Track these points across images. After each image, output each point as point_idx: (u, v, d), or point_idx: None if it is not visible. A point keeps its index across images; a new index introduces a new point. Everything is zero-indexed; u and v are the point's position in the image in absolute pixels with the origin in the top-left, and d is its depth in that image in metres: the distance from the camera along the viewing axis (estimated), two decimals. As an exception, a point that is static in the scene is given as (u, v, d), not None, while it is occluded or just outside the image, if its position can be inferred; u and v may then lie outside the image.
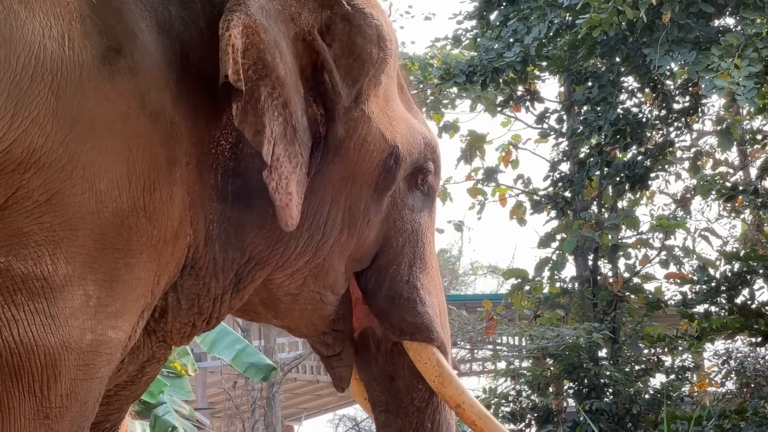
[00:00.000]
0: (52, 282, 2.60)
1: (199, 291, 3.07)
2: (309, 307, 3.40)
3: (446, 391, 3.54)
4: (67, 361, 2.65)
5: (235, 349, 8.49)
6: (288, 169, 2.98)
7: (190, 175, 2.88)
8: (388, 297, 3.49)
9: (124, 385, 3.23)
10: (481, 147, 18.01)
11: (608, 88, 14.91)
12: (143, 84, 2.76)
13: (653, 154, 15.32)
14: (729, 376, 15.77)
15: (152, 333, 3.09)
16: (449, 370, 3.55)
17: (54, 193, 2.60)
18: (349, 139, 3.20)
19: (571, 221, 16.41)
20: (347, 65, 3.17)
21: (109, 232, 2.68)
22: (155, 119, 2.77)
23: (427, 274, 3.58)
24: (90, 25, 2.72)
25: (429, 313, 3.53)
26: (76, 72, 2.65)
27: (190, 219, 2.90)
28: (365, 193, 3.30)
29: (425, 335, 3.52)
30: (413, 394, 3.60)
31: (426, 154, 3.52)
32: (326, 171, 3.18)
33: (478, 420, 3.55)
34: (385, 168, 3.31)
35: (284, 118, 2.97)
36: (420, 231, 3.55)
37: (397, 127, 3.37)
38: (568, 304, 16.65)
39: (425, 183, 3.55)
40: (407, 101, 3.58)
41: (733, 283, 13.38)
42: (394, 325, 3.51)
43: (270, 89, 2.92)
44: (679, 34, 12.00)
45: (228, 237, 3.04)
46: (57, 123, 2.60)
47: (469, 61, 14.64)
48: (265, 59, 2.91)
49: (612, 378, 15.24)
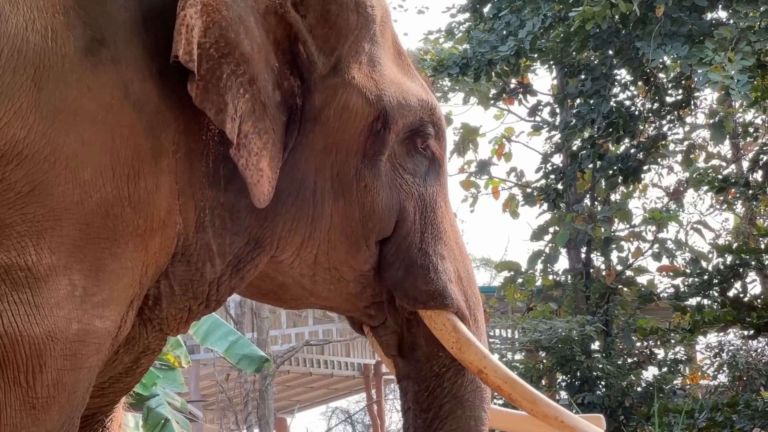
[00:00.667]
0: (36, 272, 2.59)
1: (192, 276, 3.04)
2: (332, 287, 3.34)
3: (465, 356, 3.39)
4: (53, 351, 2.63)
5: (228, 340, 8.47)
6: (258, 146, 2.94)
7: (178, 163, 2.86)
8: (403, 266, 3.39)
9: (118, 377, 3.19)
10: (474, 140, 18.03)
11: (601, 81, 14.92)
12: (127, 74, 2.75)
13: (646, 147, 15.34)
14: (721, 369, 15.81)
15: (148, 322, 3.06)
16: (467, 335, 3.40)
17: (37, 184, 2.59)
18: (328, 107, 3.14)
19: (564, 214, 16.44)
20: (323, 34, 3.12)
21: (94, 221, 2.66)
22: (139, 109, 2.76)
23: (441, 240, 3.46)
24: (73, 17, 2.71)
25: (442, 279, 3.41)
26: (58, 63, 2.64)
27: (179, 207, 2.88)
28: (353, 159, 3.23)
29: (439, 302, 3.39)
30: (432, 362, 3.48)
31: (423, 116, 3.42)
32: (306, 142, 3.13)
33: (503, 384, 3.38)
34: (371, 132, 3.24)
35: (251, 95, 2.94)
36: (427, 196, 3.44)
37: (386, 90, 3.29)
38: (560, 297, 16.69)
39: (426, 147, 3.45)
40: (405, 66, 3.50)
41: (725, 276, 13.42)
42: (408, 294, 3.40)
43: (234, 66, 2.89)
44: (672, 27, 12.01)
45: (223, 222, 3.01)
46: (39, 114, 2.59)
47: (463, 53, 14.64)
48: (227, 36, 2.88)
49: (604, 371, 15.28)
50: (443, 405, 3.50)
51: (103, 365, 2.93)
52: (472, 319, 3.51)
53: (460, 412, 3.50)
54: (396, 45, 3.50)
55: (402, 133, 3.37)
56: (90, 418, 3.26)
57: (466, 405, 3.50)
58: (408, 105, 3.37)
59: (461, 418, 3.50)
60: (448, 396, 3.50)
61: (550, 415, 3.40)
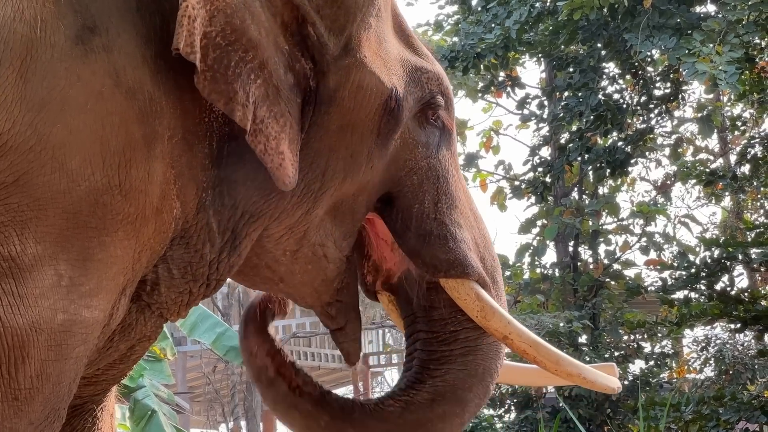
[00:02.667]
0: (20, 262, 2.56)
1: (191, 259, 3.02)
2: (310, 267, 3.31)
3: (491, 324, 3.42)
4: (37, 342, 2.61)
5: (216, 332, 8.49)
6: (276, 129, 2.92)
7: (174, 148, 2.83)
8: (418, 236, 3.41)
9: (112, 364, 3.17)
10: (462, 133, 18.04)
11: (589, 73, 14.91)
12: (118, 62, 2.72)
13: (633, 139, 15.34)
14: (708, 363, 15.84)
15: (146, 308, 3.04)
16: (491, 303, 3.43)
17: (21, 174, 2.56)
18: (342, 88, 3.13)
19: (552, 207, 16.45)
20: (332, 14, 3.09)
21: (82, 210, 2.64)
22: (131, 96, 2.73)
23: (456, 208, 3.49)
24: (64, 5, 2.68)
25: (461, 248, 3.44)
26: (47, 54, 2.61)
27: (175, 192, 2.86)
28: (368, 139, 3.22)
29: (459, 270, 3.42)
30: (448, 321, 3.49)
31: (431, 88, 3.43)
32: (321, 122, 3.11)
33: (529, 348, 3.45)
34: (386, 111, 3.23)
35: (263, 79, 2.91)
36: (438, 167, 3.46)
37: (393, 68, 3.29)
38: (548, 290, 16.70)
39: (437, 118, 3.47)
40: (408, 38, 3.49)
41: (712, 270, 13.43)
42: (427, 263, 3.43)
43: (242, 53, 2.87)
44: (660, 19, 12.01)
45: (221, 198, 2.99)
46: (25, 106, 2.57)
47: (451, 46, 14.62)
48: (233, 23, 2.85)
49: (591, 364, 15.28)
50: (453, 350, 3.50)
51: (96, 353, 2.92)
52: (492, 282, 3.53)
53: (472, 357, 3.51)
54: (397, 18, 3.47)
55: (414, 108, 3.38)
56: (80, 407, 3.25)
57: (479, 353, 3.52)
58: (416, 80, 3.38)
59: (471, 363, 3.51)
60: (461, 344, 3.51)
61: (573, 373, 3.54)
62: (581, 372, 3.54)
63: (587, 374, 3.55)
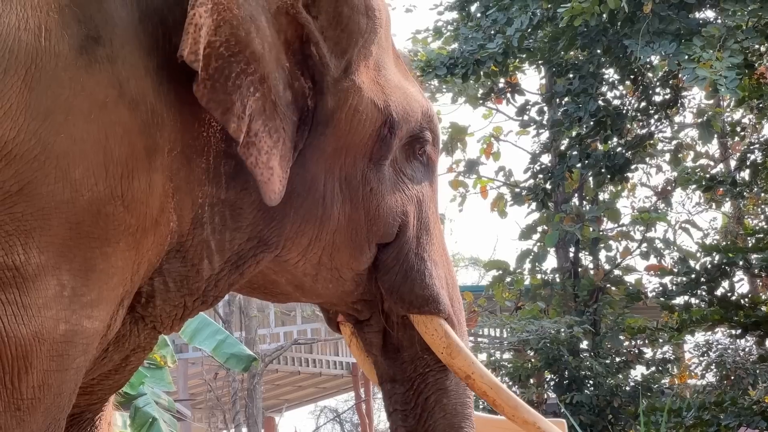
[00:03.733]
0: (24, 272, 2.57)
1: (188, 273, 3.03)
2: (331, 286, 3.37)
3: (455, 362, 3.46)
4: (39, 352, 2.61)
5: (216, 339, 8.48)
6: (268, 144, 2.94)
7: (173, 161, 2.84)
8: (401, 271, 3.43)
9: (107, 374, 3.18)
10: (463, 139, 18.03)
11: (589, 79, 14.91)
12: (122, 72, 2.73)
13: (633, 145, 15.33)
14: (709, 368, 15.83)
15: (140, 320, 3.05)
16: (457, 341, 3.47)
17: (26, 183, 2.56)
18: (340, 110, 3.15)
19: (553, 214, 16.44)
20: (335, 36, 3.12)
21: (85, 220, 2.65)
22: (134, 108, 2.74)
23: (433, 245, 3.53)
24: (69, 15, 2.68)
25: (437, 285, 3.48)
26: (51, 63, 2.62)
27: (173, 206, 2.86)
28: (360, 163, 3.25)
29: (432, 307, 3.46)
30: (416, 363, 3.55)
31: (422, 123, 3.46)
32: (317, 144, 3.13)
33: (489, 390, 3.47)
34: (379, 137, 3.26)
35: (262, 93, 2.93)
36: (423, 201, 3.49)
37: (391, 95, 3.31)
38: (549, 296, 16.69)
39: (423, 153, 3.50)
40: (403, 69, 3.53)
41: (713, 275, 13.44)
42: (404, 299, 3.45)
43: (243, 65, 2.88)
44: (660, 25, 12.00)
45: (223, 219, 3.01)
46: (30, 114, 2.57)
47: (450, 53, 14.61)
48: (238, 35, 2.87)
49: (593, 370, 15.28)
50: (429, 398, 3.57)
51: (91, 364, 2.91)
52: (457, 322, 3.57)
53: (446, 400, 3.58)
54: (394, 48, 3.51)
55: (404, 139, 3.40)
56: (78, 416, 3.26)
57: (450, 394, 3.59)
58: (411, 110, 3.41)
59: (448, 405, 3.58)
60: (432, 389, 3.57)
61: (529, 421, 3.53)
62: (537, 422, 3.53)
63: (542, 425, 3.52)
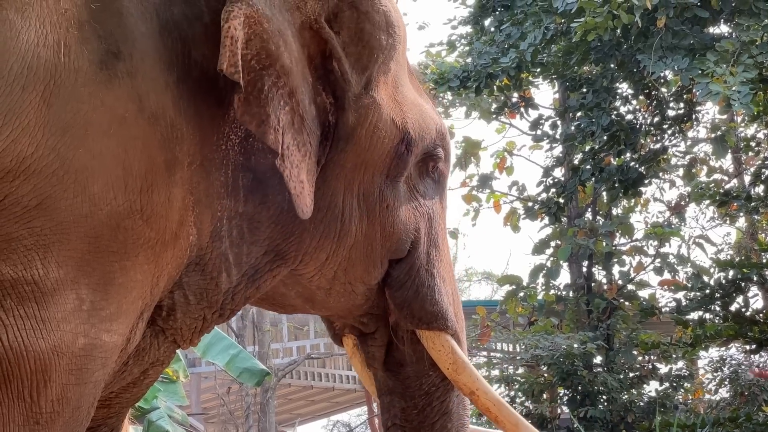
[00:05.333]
0: (42, 286, 2.58)
1: (207, 286, 3.05)
2: (342, 300, 3.40)
3: (460, 378, 3.51)
4: (58, 366, 2.62)
5: (229, 354, 8.49)
6: (297, 158, 2.96)
7: (193, 175, 2.85)
8: (413, 287, 3.47)
9: (126, 387, 3.21)
10: (476, 153, 18.02)
11: (602, 94, 14.89)
12: (142, 87, 2.74)
13: (647, 159, 15.31)
14: (723, 384, 15.78)
15: (161, 333, 3.06)
16: (463, 358, 3.52)
17: (44, 198, 2.57)
18: (360, 127, 3.17)
19: (566, 228, 16.41)
20: (356, 52, 3.15)
21: (104, 234, 2.65)
22: (154, 122, 2.75)
23: (442, 262, 3.57)
24: (88, 31, 2.70)
25: (445, 301, 3.52)
26: (70, 78, 2.63)
27: (193, 219, 2.88)
28: (377, 179, 3.27)
29: (441, 323, 3.50)
30: (422, 380, 3.58)
31: (435, 140, 3.49)
32: (338, 160, 3.16)
33: (492, 407, 3.51)
34: (396, 154, 3.29)
35: (291, 107, 2.95)
36: (433, 218, 3.52)
37: (408, 113, 3.34)
38: (562, 311, 16.66)
39: (435, 170, 3.53)
40: (417, 87, 3.55)
41: (727, 291, 13.39)
42: (414, 315, 3.49)
43: (275, 78, 2.90)
44: (673, 40, 11.99)
45: (241, 233, 3.03)
46: (48, 130, 2.58)
47: (464, 66, 14.62)
48: (268, 49, 2.89)
49: (606, 385, 15.24)
50: (435, 422, 3.61)
51: (111, 377, 2.92)
52: (461, 340, 3.62)
53: (450, 425, 3.63)
54: (408, 65, 3.54)
55: (419, 156, 3.43)
56: (94, 429, 3.26)
57: (454, 418, 3.64)
58: (427, 128, 3.44)
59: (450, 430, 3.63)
60: (438, 414, 3.62)
61: None
62: None
63: None
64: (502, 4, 15.04)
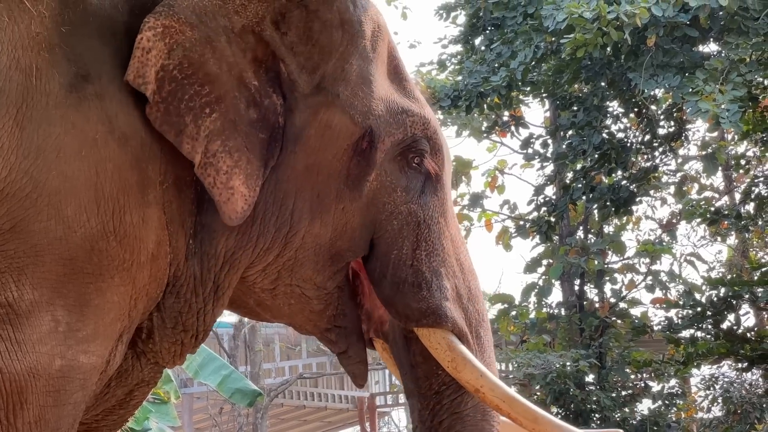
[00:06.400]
0: (17, 308, 2.57)
1: (181, 308, 3.03)
2: (292, 302, 3.30)
3: (462, 375, 3.34)
4: (35, 388, 2.61)
5: (221, 374, 8.48)
6: (228, 164, 2.93)
7: (165, 194, 2.85)
8: (393, 284, 3.35)
9: (111, 409, 3.18)
10: (467, 172, 18.05)
11: (593, 112, 14.92)
12: (111, 108, 2.75)
13: (638, 178, 15.33)
14: (716, 402, 15.76)
15: (142, 355, 3.05)
16: (463, 354, 3.35)
17: (18, 221, 2.57)
18: (309, 127, 3.12)
19: (558, 246, 16.42)
20: (306, 52, 3.11)
21: (78, 256, 2.65)
22: (124, 143, 2.75)
23: (437, 256, 3.40)
24: (59, 54, 2.71)
25: (435, 297, 3.35)
26: (42, 101, 2.64)
27: (168, 238, 2.87)
28: (335, 180, 3.20)
29: (432, 320, 3.35)
30: (432, 380, 3.45)
31: (415, 132, 3.37)
32: (288, 161, 3.11)
33: (502, 404, 3.32)
34: (356, 152, 3.22)
35: (219, 114, 2.93)
36: (420, 213, 3.38)
37: (374, 108, 3.25)
38: (554, 330, 16.65)
39: (420, 162, 3.40)
40: (402, 81, 3.46)
41: (718, 308, 13.41)
42: (399, 312, 3.37)
43: (197, 87, 2.90)
44: (663, 58, 12.03)
45: (203, 246, 3.01)
46: (21, 153, 2.59)
47: (454, 85, 14.64)
48: (190, 57, 2.89)
49: (599, 404, 15.22)
50: (442, 422, 3.46)
51: (93, 399, 2.91)
52: (473, 336, 3.45)
53: (460, 427, 3.45)
54: (394, 61, 3.44)
55: (392, 151, 3.33)
56: None
57: (466, 421, 3.46)
58: (398, 122, 3.33)
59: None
60: (447, 413, 3.46)
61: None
62: None
63: None
64: (493, 23, 15.07)
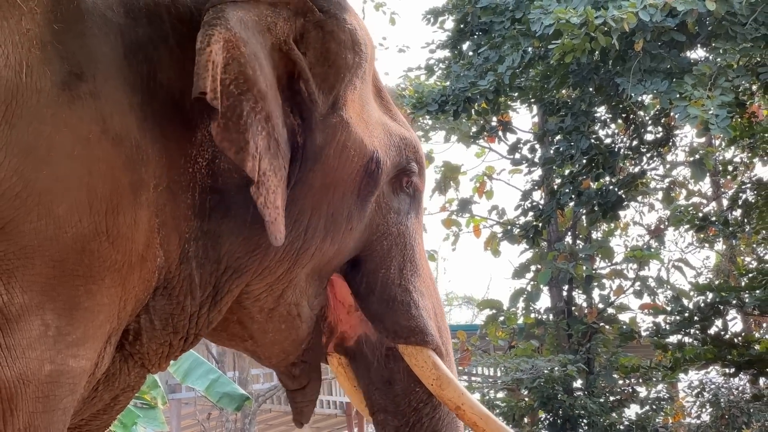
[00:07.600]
0: (7, 312, 2.54)
1: (173, 310, 3.01)
2: (283, 326, 3.31)
3: (444, 393, 3.47)
4: (25, 394, 2.58)
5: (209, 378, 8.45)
6: (274, 183, 2.93)
7: (159, 197, 2.82)
8: (382, 301, 3.43)
9: (96, 414, 3.15)
10: (456, 178, 18.06)
11: (581, 117, 14.94)
12: (105, 108, 2.71)
13: (625, 183, 15.36)
14: (704, 407, 15.78)
15: (129, 357, 3.02)
16: (446, 373, 3.48)
17: (7, 222, 2.54)
18: (328, 146, 3.14)
19: (546, 252, 16.44)
20: (323, 72, 3.12)
21: (69, 258, 2.62)
22: (118, 143, 2.72)
23: (419, 276, 3.52)
24: (51, 51, 2.67)
25: (423, 316, 3.47)
26: (33, 99, 2.60)
27: (159, 241, 2.84)
28: (348, 199, 3.25)
29: (419, 338, 3.45)
30: (410, 397, 3.54)
31: (407, 155, 3.47)
32: (306, 179, 3.12)
33: (479, 421, 3.47)
34: (366, 173, 3.26)
35: (267, 132, 2.92)
36: (407, 234, 3.49)
37: (374, 131, 3.32)
38: (542, 335, 16.67)
39: (410, 185, 3.51)
40: (386, 103, 3.53)
41: (706, 314, 13.44)
42: (388, 329, 3.45)
43: (252, 104, 2.87)
44: (651, 63, 12.04)
45: (206, 251, 2.99)
46: (11, 152, 2.55)
47: (442, 90, 14.65)
48: (246, 73, 2.86)
49: (587, 409, 15.23)
50: None
51: (80, 403, 2.89)
52: (446, 353, 3.56)
53: None
54: (376, 82, 3.51)
55: (391, 173, 3.40)
56: None
57: None
58: (393, 145, 3.41)
59: None
60: (426, 429, 3.56)
61: None
62: None
63: None
64: (480, 28, 15.09)
